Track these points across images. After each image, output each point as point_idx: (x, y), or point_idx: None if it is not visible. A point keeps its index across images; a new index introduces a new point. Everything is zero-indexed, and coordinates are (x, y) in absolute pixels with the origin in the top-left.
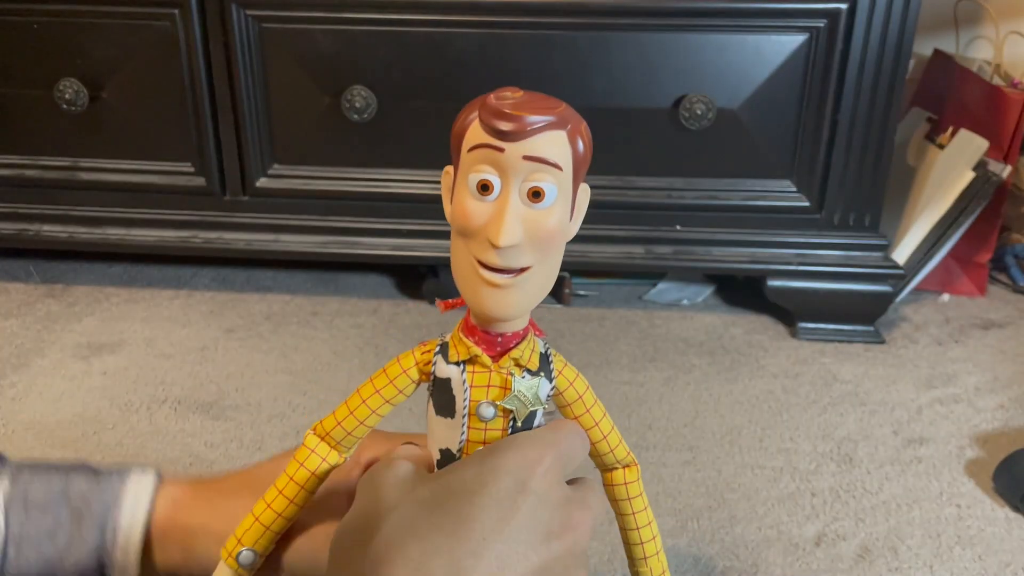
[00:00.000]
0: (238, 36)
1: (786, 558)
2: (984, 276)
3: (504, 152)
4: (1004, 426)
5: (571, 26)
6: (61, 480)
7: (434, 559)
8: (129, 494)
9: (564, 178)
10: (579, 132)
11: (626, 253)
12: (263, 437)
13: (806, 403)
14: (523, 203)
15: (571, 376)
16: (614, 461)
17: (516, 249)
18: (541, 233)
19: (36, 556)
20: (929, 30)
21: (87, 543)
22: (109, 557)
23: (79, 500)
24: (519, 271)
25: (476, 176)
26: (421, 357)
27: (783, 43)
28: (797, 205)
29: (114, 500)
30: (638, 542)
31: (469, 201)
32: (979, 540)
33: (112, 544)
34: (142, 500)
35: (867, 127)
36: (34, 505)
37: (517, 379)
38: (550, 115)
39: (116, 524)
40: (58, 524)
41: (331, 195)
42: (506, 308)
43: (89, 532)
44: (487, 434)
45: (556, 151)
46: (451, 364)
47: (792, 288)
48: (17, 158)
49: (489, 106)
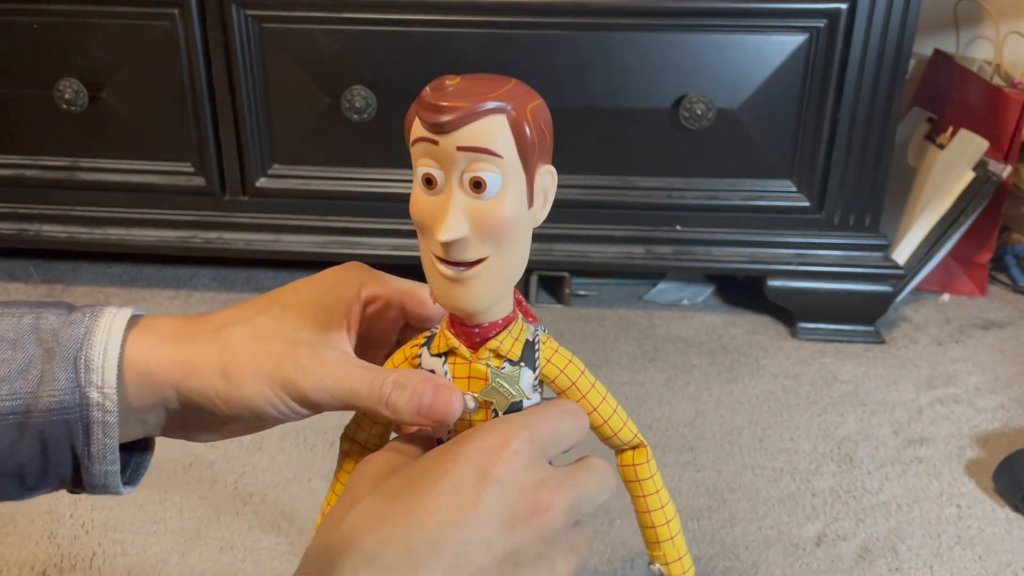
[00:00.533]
0: (238, 36)
1: (786, 558)
2: (984, 276)
3: (439, 144)
4: (1004, 426)
5: (571, 26)
6: (32, 316)
7: (388, 550)
8: (101, 329)
9: (508, 165)
10: (524, 116)
11: (626, 253)
12: (263, 437)
13: (806, 403)
14: (466, 195)
15: (561, 363)
16: (620, 444)
17: (463, 242)
18: (490, 223)
19: (9, 393)
20: (929, 30)
21: (59, 380)
22: (85, 397)
23: (49, 335)
24: (473, 263)
25: (421, 170)
26: (410, 351)
27: (783, 43)
28: (797, 205)
29: (85, 335)
30: (649, 525)
31: (419, 196)
32: (979, 540)
33: (86, 382)
34: (115, 335)
35: (867, 127)
36: (4, 340)
37: (494, 369)
38: (486, 101)
39: (88, 360)
40: (29, 360)
41: (331, 195)
42: (468, 300)
43: (61, 368)
44: (472, 426)
45: (494, 138)
46: (434, 356)
47: (792, 288)
48: (17, 158)
49: (423, 99)
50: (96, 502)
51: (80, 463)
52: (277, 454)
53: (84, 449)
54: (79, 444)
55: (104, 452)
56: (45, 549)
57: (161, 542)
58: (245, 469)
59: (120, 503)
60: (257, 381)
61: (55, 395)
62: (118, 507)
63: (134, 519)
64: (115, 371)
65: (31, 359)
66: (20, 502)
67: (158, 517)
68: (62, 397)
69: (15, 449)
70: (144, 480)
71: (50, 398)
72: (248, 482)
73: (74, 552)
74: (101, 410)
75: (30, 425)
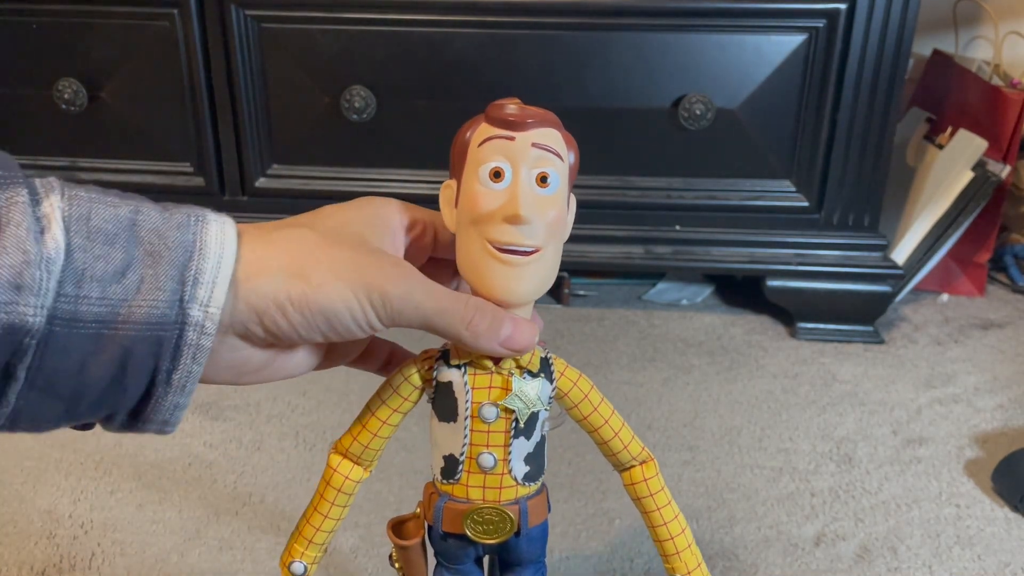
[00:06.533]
0: (238, 36)
1: (786, 558)
2: (983, 276)
3: (515, 140)
4: (1003, 426)
5: (571, 26)
6: (129, 208)
7: None
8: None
9: (563, 170)
10: (571, 142)
11: (626, 253)
12: (262, 437)
13: (805, 403)
14: (532, 188)
15: (573, 377)
16: (629, 458)
17: (531, 226)
18: (549, 216)
19: (100, 297)
20: (929, 30)
21: (164, 291)
22: (185, 314)
23: (153, 236)
24: (531, 252)
25: (488, 165)
26: (423, 363)
27: (783, 43)
28: (796, 205)
29: (196, 243)
30: (668, 537)
31: (480, 189)
32: (978, 540)
33: (190, 298)
34: (229, 249)
35: (866, 127)
36: (100, 232)
37: (517, 379)
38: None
39: (199, 273)
40: (129, 262)
41: (330, 195)
42: (517, 289)
43: (167, 277)
44: (490, 436)
45: (558, 144)
46: (452, 368)
47: (791, 288)
48: (16, 158)
49: (496, 106)
50: (96, 502)
51: (153, 391)
52: (277, 454)
53: (165, 375)
54: (163, 367)
55: (185, 381)
56: (45, 549)
57: (160, 542)
58: (244, 469)
59: (120, 503)
60: (339, 283)
61: (156, 306)
62: (118, 507)
63: (133, 519)
64: (225, 289)
65: (131, 261)
66: (18, 504)
67: (157, 517)
68: (164, 311)
69: (85, 365)
70: (144, 480)
71: (150, 309)
72: (247, 482)
73: (74, 552)
74: (198, 331)
75: (115, 338)
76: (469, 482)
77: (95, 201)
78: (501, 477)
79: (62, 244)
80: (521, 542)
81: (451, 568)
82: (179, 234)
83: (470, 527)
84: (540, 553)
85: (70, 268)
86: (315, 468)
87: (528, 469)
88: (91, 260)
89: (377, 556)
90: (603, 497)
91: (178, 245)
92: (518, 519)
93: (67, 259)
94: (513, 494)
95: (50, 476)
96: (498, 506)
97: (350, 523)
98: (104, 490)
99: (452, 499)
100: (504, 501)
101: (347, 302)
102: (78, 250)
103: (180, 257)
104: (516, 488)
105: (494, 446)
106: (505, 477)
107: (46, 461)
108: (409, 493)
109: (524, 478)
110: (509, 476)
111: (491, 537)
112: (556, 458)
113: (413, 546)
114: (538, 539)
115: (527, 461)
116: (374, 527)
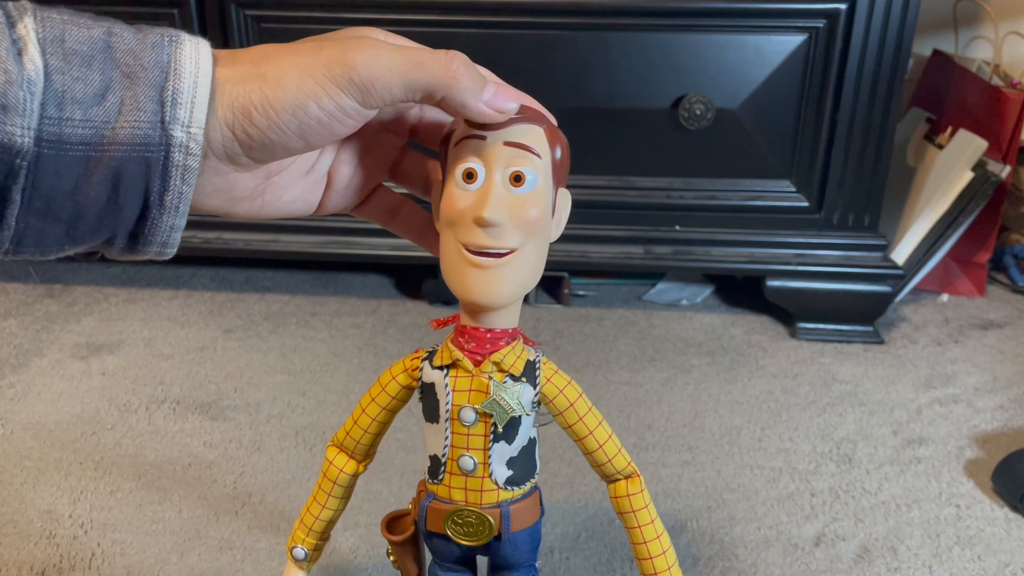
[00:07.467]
0: (238, 36)
1: (785, 558)
2: (983, 276)
3: (486, 140)
4: (1003, 426)
5: (571, 26)
6: (102, 29)
7: None
8: (187, 58)
9: (543, 167)
10: (556, 136)
11: (625, 253)
12: (262, 437)
13: (805, 403)
14: (506, 188)
15: (561, 384)
16: (614, 471)
17: (500, 228)
18: (523, 216)
19: (82, 119)
20: (929, 30)
21: (144, 111)
22: (168, 136)
23: (128, 56)
24: (504, 254)
25: (462, 166)
26: (410, 364)
27: (782, 43)
28: (796, 205)
29: (170, 63)
30: (646, 556)
31: (455, 190)
32: (978, 540)
33: (171, 119)
34: (204, 68)
35: (866, 127)
36: (75, 55)
37: (496, 383)
38: (528, 114)
39: (176, 93)
40: (108, 84)
41: None
42: (492, 292)
43: (146, 98)
44: (469, 440)
45: (535, 140)
46: (435, 369)
47: (791, 288)
48: None
49: None
50: (96, 502)
51: (148, 213)
52: (276, 454)
53: (157, 197)
54: (154, 189)
55: (178, 202)
56: (44, 549)
57: (160, 542)
58: (244, 469)
59: (120, 503)
60: (295, 71)
61: (139, 127)
62: (117, 507)
63: (133, 519)
64: (205, 109)
65: (109, 83)
66: (17, 505)
67: (157, 517)
68: (147, 131)
69: (79, 187)
70: (143, 480)
71: (132, 130)
72: (247, 482)
73: (73, 552)
74: (184, 152)
75: (103, 160)
76: (452, 483)
77: (68, 22)
78: (482, 480)
79: (40, 66)
80: (504, 546)
81: (443, 566)
82: (154, 54)
83: (451, 528)
84: (529, 557)
85: (50, 90)
86: (315, 468)
87: (511, 473)
88: (70, 82)
89: (377, 556)
90: (603, 497)
91: (154, 65)
92: (498, 523)
93: (47, 81)
94: (495, 498)
95: (50, 476)
96: (478, 509)
97: (350, 523)
98: (104, 490)
99: (436, 499)
100: (485, 504)
101: (307, 89)
102: (56, 72)
103: (156, 78)
104: (498, 492)
105: (474, 449)
106: (486, 480)
107: (46, 461)
108: (409, 493)
109: (506, 482)
110: (490, 480)
111: (470, 539)
112: (556, 458)
113: (404, 541)
114: (524, 544)
115: (509, 465)
116: (374, 527)
